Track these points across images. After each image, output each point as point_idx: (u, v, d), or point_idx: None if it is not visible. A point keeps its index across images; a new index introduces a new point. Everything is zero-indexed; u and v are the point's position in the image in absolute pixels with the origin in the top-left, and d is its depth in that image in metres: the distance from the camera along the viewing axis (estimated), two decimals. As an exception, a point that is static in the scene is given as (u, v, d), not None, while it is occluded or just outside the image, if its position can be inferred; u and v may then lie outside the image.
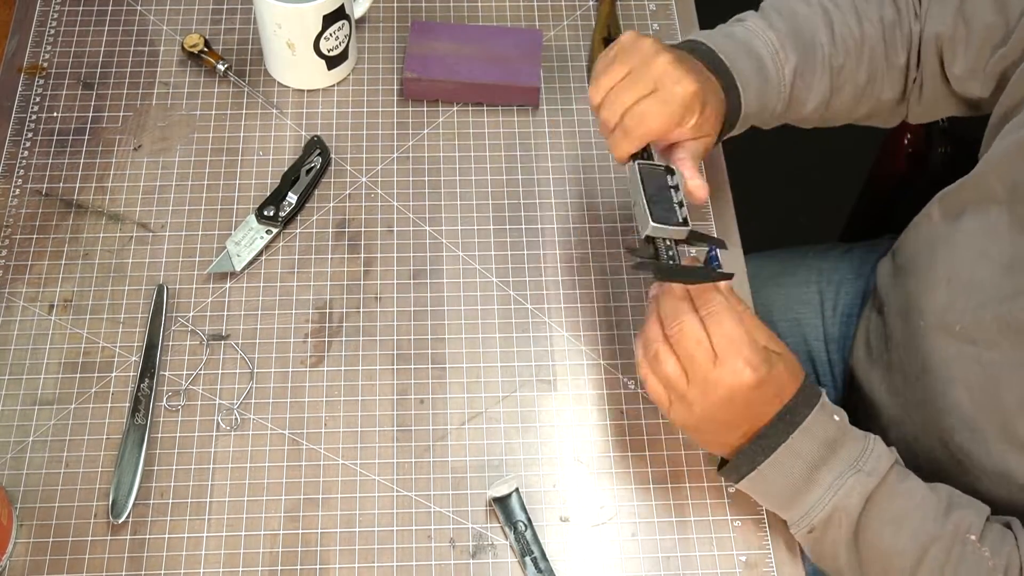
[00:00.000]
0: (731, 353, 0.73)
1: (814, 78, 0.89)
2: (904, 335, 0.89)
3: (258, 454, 0.86)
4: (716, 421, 0.76)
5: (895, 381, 0.91)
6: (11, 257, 0.94)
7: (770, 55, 0.88)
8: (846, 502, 0.75)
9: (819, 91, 0.90)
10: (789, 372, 0.76)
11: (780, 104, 0.89)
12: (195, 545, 0.82)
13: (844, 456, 0.76)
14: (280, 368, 0.90)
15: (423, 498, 0.85)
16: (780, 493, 0.78)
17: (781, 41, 0.88)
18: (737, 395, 0.73)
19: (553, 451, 0.87)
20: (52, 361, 0.89)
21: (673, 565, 0.83)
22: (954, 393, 0.82)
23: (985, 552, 0.72)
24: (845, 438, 0.76)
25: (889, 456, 0.76)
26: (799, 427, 0.75)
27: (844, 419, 0.78)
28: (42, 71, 1.05)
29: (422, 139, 1.03)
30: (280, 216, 0.96)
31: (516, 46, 1.05)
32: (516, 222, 0.98)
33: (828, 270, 1.14)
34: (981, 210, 0.82)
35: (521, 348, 0.92)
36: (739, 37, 0.89)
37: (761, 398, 0.75)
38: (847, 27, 0.90)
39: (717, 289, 0.75)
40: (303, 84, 1.05)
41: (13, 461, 0.85)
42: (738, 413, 0.75)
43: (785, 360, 0.76)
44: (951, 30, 0.87)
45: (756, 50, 0.88)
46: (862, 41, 0.90)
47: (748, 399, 0.74)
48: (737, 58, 0.87)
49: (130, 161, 1.00)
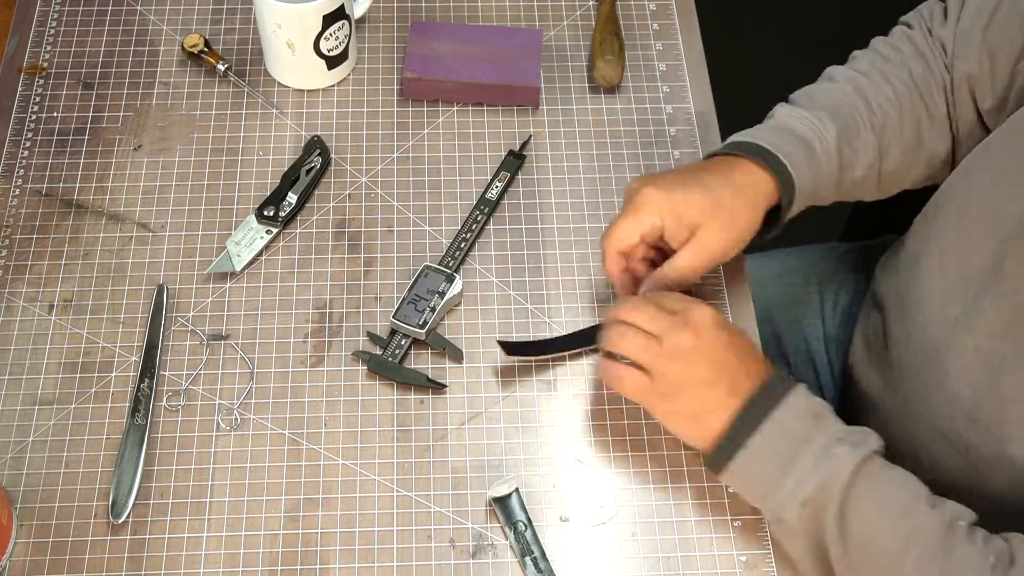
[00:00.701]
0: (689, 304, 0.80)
1: (859, 143, 0.89)
2: (903, 331, 0.89)
3: (258, 454, 0.86)
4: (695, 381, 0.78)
5: (894, 377, 0.91)
6: (11, 257, 0.94)
7: (810, 129, 0.88)
8: (836, 472, 0.75)
9: (867, 155, 0.90)
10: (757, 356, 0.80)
11: (832, 176, 0.89)
12: (195, 545, 0.82)
13: (830, 430, 0.77)
14: (280, 368, 0.90)
15: (423, 498, 0.85)
16: (767, 473, 0.77)
17: (817, 116, 0.89)
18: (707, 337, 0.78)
19: (553, 451, 0.87)
20: (52, 361, 0.89)
21: (673, 565, 0.83)
22: (953, 384, 0.82)
23: (977, 538, 0.73)
24: (829, 414, 0.78)
25: (875, 436, 0.77)
26: (782, 401, 0.77)
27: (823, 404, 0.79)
28: (42, 71, 1.05)
29: (422, 139, 1.03)
30: (280, 216, 0.96)
31: (516, 46, 1.05)
32: (516, 222, 0.98)
33: (828, 270, 1.14)
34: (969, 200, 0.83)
35: (521, 348, 0.92)
36: (778, 123, 0.89)
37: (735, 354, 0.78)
38: (880, 90, 0.90)
39: None
40: (303, 84, 1.05)
41: (13, 461, 0.85)
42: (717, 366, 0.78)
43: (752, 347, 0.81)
44: (977, 68, 0.88)
45: (795, 130, 0.88)
46: (898, 99, 0.90)
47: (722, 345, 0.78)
48: (779, 142, 0.87)
49: (130, 161, 1.00)
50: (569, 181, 1.01)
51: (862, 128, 0.89)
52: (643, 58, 1.08)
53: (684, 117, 1.05)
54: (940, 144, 0.92)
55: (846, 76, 0.92)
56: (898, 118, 0.90)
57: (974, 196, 0.83)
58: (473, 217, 0.97)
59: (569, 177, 1.01)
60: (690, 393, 0.78)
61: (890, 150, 0.90)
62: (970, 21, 0.88)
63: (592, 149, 1.03)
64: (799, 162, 0.86)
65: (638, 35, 1.10)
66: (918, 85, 0.91)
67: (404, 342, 0.90)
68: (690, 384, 0.78)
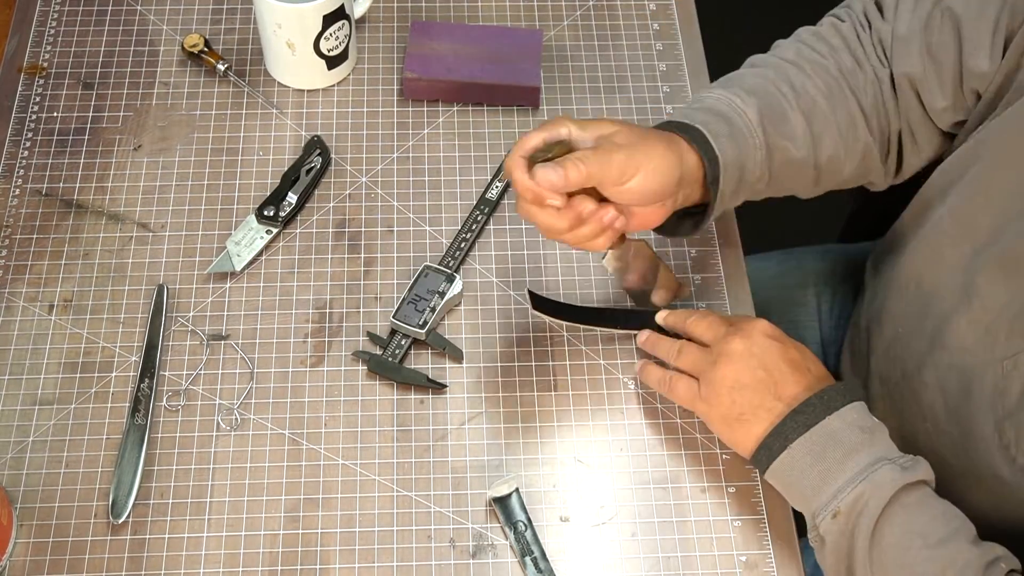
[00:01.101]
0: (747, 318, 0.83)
1: (787, 125, 0.85)
2: (882, 342, 0.89)
3: (258, 454, 0.86)
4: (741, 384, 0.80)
5: (875, 388, 0.91)
6: (11, 257, 0.94)
7: (728, 105, 0.85)
8: (875, 490, 0.74)
9: (800, 137, 0.86)
10: (820, 367, 0.81)
11: (760, 150, 0.84)
12: (195, 545, 0.82)
13: (881, 446, 0.76)
14: (280, 368, 0.90)
15: (423, 498, 0.85)
16: (807, 478, 0.77)
17: (735, 93, 0.85)
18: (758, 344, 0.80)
19: (553, 451, 0.87)
20: (52, 361, 0.89)
21: (673, 565, 0.83)
22: (927, 398, 0.83)
23: None
24: (884, 433, 0.77)
25: (928, 467, 0.76)
26: (836, 411, 0.77)
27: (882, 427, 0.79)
28: (42, 71, 1.05)
29: (422, 139, 1.03)
30: (280, 216, 0.96)
31: (516, 46, 1.05)
32: (516, 222, 0.98)
33: (826, 272, 1.14)
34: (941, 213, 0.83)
35: (521, 348, 0.92)
36: (695, 104, 0.86)
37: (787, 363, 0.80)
38: (807, 78, 0.87)
39: None
40: (303, 84, 1.05)
41: (13, 461, 0.85)
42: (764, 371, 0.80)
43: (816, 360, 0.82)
44: (921, 70, 0.85)
45: (709, 105, 0.85)
46: (827, 88, 0.87)
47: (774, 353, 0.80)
48: (696, 117, 0.83)
49: (130, 161, 1.00)
50: (569, 181, 1.01)
51: (788, 110, 0.85)
52: (643, 58, 1.08)
53: (684, 117, 1.05)
54: (874, 140, 0.88)
55: (767, 62, 0.89)
56: (828, 105, 0.86)
57: (948, 210, 0.83)
58: (473, 217, 0.97)
59: (569, 177, 1.01)
60: (735, 395, 0.80)
61: (823, 136, 0.86)
62: (906, 24, 0.85)
63: (592, 149, 1.03)
64: (719, 133, 0.82)
65: (638, 35, 1.10)
66: (847, 79, 0.87)
67: (404, 342, 0.90)
68: (736, 387, 0.80)
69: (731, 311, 0.94)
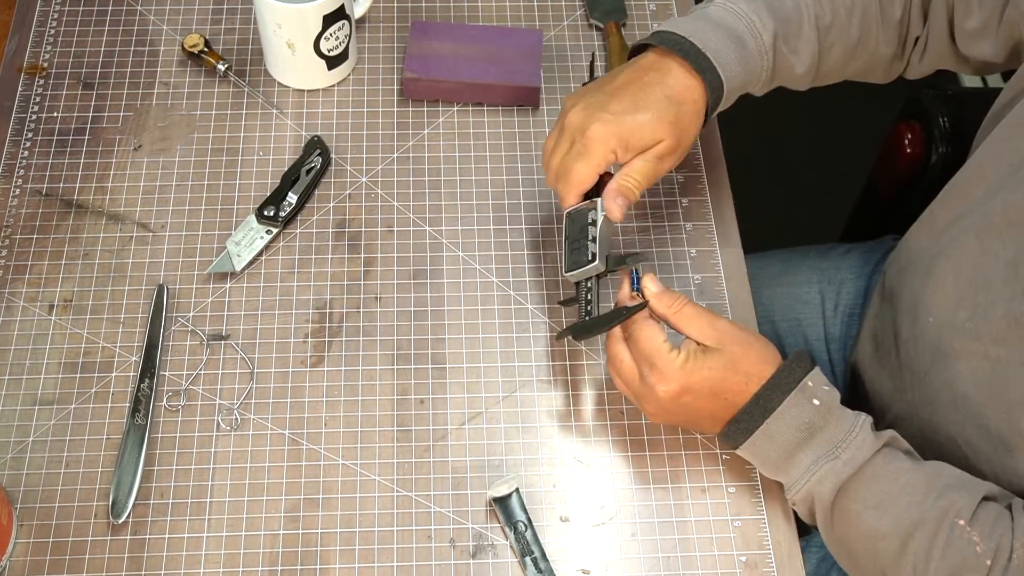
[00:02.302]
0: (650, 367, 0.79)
1: (799, 41, 0.88)
2: (912, 331, 0.89)
3: (258, 454, 0.86)
4: (684, 416, 0.81)
5: (903, 378, 0.91)
6: (11, 257, 0.94)
7: (746, 25, 0.86)
8: (819, 488, 0.77)
9: (807, 53, 0.89)
10: (757, 360, 0.79)
11: (765, 72, 0.88)
12: (195, 545, 0.82)
13: (821, 441, 0.77)
14: (280, 368, 0.90)
15: (423, 498, 0.85)
16: (765, 468, 0.82)
17: (756, 11, 0.87)
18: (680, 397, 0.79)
19: (553, 451, 0.87)
20: (52, 361, 0.89)
21: (673, 565, 0.83)
22: (961, 388, 0.82)
23: (974, 537, 0.72)
24: (826, 423, 0.78)
25: (874, 442, 0.77)
26: (773, 413, 0.78)
27: (828, 401, 0.79)
28: (42, 71, 1.05)
29: (422, 139, 1.03)
30: (280, 216, 0.96)
31: (516, 46, 1.05)
32: (516, 222, 0.98)
33: (829, 270, 1.14)
34: (981, 205, 0.82)
35: (521, 348, 0.92)
36: (712, 17, 0.87)
37: (722, 387, 0.78)
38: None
39: None
40: (303, 84, 1.05)
41: (13, 461, 0.85)
42: (701, 407, 0.80)
43: (747, 352, 0.79)
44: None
45: (729, 25, 0.86)
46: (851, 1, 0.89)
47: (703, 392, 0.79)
48: (709, 38, 0.85)
49: (130, 161, 1.00)
50: (569, 181, 1.01)
51: (804, 24, 0.88)
52: (643, 58, 1.08)
53: (684, 117, 1.05)
54: (885, 47, 0.91)
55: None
56: (846, 17, 0.88)
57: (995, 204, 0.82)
58: None
59: (569, 177, 1.01)
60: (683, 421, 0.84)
61: (832, 49, 0.89)
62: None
63: (592, 149, 1.03)
64: (729, 61, 0.85)
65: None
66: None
67: (590, 283, 0.85)
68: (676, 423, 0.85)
69: (731, 311, 0.94)
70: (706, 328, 0.79)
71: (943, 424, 0.85)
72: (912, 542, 0.74)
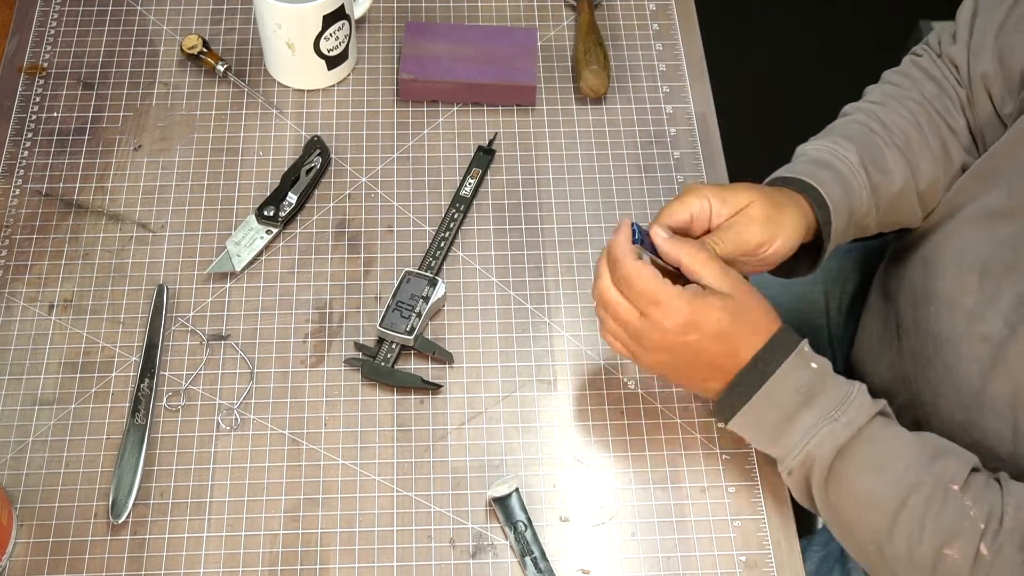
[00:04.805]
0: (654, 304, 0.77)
1: (886, 161, 0.90)
2: (914, 320, 0.90)
3: (258, 454, 0.86)
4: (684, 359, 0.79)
5: (906, 367, 0.91)
6: (11, 257, 0.94)
7: (829, 152, 0.89)
8: (818, 451, 0.77)
9: (899, 170, 0.90)
10: (763, 313, 0.79)
11: (865, 191, 0.88)
12: (195, 545, 0.82)
13: (821, 404, 0.77)
14: (280, 368, 0.90)
15: (423, 498, 0.85)
16: (761, 436, 0.80)
17: (833, 140, 0.89)
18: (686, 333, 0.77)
19: (553, 451, 0.87)
20: (52, 361, 0.89)
21: (673, 565, 0.83)
22: (966, 372, 0.83)
23: (967, 502, 0.73)
24: (824, 386, 0.78)
25: (872, 406, 0.77)
26: (772, 375, 0.77)
27: (824, 366, 0.78)
28: (42, 71, 1.05)
29: (422, 139, 1.03)
30: (280, 216, 0.96)
31: (512, 46, 1.05)
32: (516, 222, 0.98)
33: (833, 268, 1.15)
34: (987, 196, 0.83)
35: (521, 348, 0.92)
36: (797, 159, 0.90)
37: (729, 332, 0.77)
38: (896, 113, 0.91)
39: None
40: (303, 84, 1.05)
41: (13, 461, 0.85)
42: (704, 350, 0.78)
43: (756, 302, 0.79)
44: (992, 67, 0.88)
45: (813, 156, 0.89)
46: (915, 118, 0.91)
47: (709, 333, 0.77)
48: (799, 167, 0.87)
49: (130, 161, 1.00)
50: (569, 181, 1.01)
51: (885, 147, 0.90)
52: (643, 58, 1.08)
53: (684, 117, 1.05)
54: (968, 157, 0.92)
55: (858, 107, 0.94)
56: (919, 134, 0.91)
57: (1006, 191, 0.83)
58: (450, 216, 0.96)
59: (569, 177, 1.01)
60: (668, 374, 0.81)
61: (920, 164, 0.90)
62: (981, 30, 0.89)
63: (592, 149, 1.03)
64: (824, 180, 0.86)
65: (638, 35, 1.10)
66: (933, 104, 0.92)
67: (394, 347, 0.90)
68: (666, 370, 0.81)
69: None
70: (720, 274, 0.78)
71: (948, 410, 0.85)
72: (908, 505, 0.74)
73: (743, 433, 0.81)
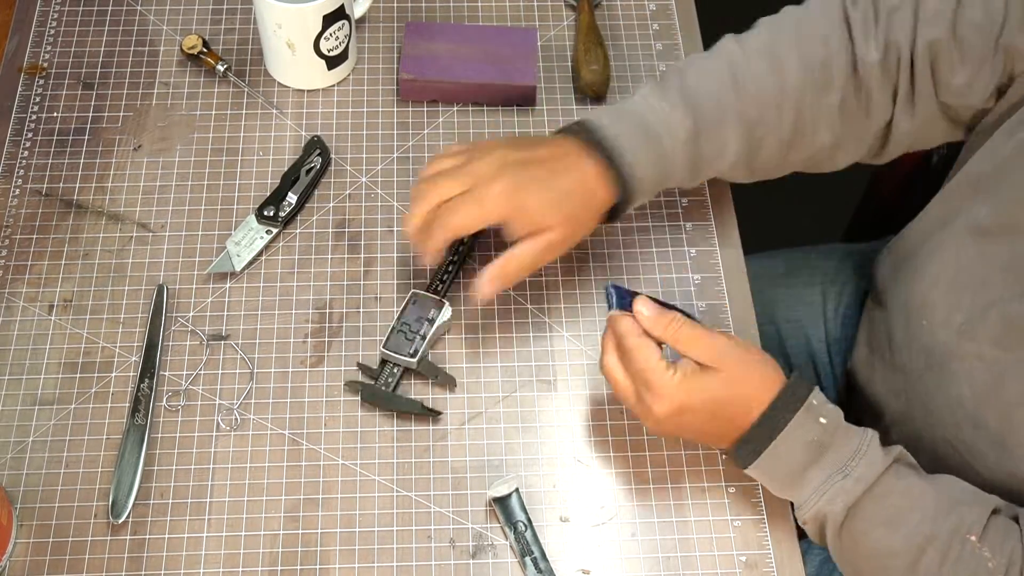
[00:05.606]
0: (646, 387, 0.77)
1: (720, 138, 0.86)
2: (907, 334, 0.89)
3: (258, 454, 0.86)
4: (686, 433, 0.82)
5: (897, 380, 0.91)
6: (11, 257, 0.94)
7: (662, 122, 0.85)
8: (829, 508, 0.76)
9: (734, 146, 0.86)
10: (763, 374, 0.78)
11: (684, 167, 0.86)
12: (195, 545, 0.82)
13: (831, 460, 0.77)
14: (280, 368, 0.90)
15: (423, 498, 0.85)
16: (776, 487, 0.81)
17: (673, 106, 0.85)
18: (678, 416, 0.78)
19: (553, 451, 0.87)
20: (52, 361, 0.89)
21: (673, 565, 0.83)
22: (956, 390, 0.82)
23: (985, 552, 0.72)
24: (833, 440, 0.77)
25: (883, 459, 0.76)
26: (781, 432, 0.77)
27: (834, 419, 0.78)
28: (42, 71, 1.05)
29: (422, 139, 1.03)
30: (280, 216, 0.96)
31: (512, 45, 1.05)
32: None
33: (831, 271, 1.14)
34: (976, 209, 0.82)
35: (521, 348, 0.92)
36: (634, 114, 0.86)
37: (722, 410, 0.78)
38: (759, 80, 0.86)
39: None
40: (303, 84, 1.05)
41: (13, 461, 0.85)
42: (702, 427, 0.79)
43: (753, 367, 0.78)
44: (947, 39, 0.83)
45: (646, 122, 0.85)
46: (780, 92, 0.86)
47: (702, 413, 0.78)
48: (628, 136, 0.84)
49: (130, 161, 1.00)
50: (569, 181, 1.01)
51: (728, 118, 0.85)
52: (643, 58, 1.08)
53: (684, 117, 1.05)
54: (826, 135, 0.87)
55: (729, 56, 0.87)
56: (776, 110, 0.86)
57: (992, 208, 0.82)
58: (460, 239, 0.94)
59: (569, 177, 1.01)
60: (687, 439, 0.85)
61: (764, 141, 0.87)
62: None
63: (592, 149, 1.03)
64: (643, 162, 0.84)
65: (638, 35, 1.10)
66: (816, 74, 0.85)
67: (396, 370, 0.89)
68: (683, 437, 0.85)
69: (731, 311, 0.94)
70: (706, 348, 0.77)
71: (939, 426, 0.85)
72: (924, 559, 0.73)
73: (759, 481, 0.83)
